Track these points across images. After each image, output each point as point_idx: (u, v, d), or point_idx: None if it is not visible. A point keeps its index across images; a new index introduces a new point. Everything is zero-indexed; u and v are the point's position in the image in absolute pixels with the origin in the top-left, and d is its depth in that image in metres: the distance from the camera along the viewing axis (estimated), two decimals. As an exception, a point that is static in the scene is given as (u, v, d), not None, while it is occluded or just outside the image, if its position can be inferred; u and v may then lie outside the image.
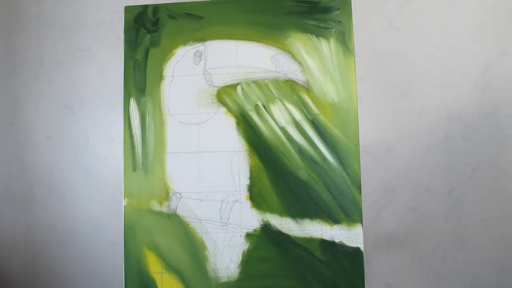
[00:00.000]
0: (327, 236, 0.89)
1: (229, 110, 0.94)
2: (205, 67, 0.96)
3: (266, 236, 0.90)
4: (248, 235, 0.91)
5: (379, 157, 0.93)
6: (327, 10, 0.93)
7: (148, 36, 0.97)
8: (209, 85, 0.95)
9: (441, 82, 0.92)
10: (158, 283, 0.91)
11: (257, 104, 0.94)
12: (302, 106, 0.93)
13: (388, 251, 0.91)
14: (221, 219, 0.91)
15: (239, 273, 0.90)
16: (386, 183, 0.92)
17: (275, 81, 0.94)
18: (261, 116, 0.93)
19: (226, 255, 0.91)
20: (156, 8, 0.97)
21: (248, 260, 0.90)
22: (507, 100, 0.91)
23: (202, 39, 0.96)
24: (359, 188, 0.89)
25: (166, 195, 0.92)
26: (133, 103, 0.97)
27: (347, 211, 0.89)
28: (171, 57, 0.97)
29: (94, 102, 1.02)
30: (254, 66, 0.95)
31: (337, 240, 0.89)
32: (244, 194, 0.92)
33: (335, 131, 0.90)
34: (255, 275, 0.90)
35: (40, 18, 1.05)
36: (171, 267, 0.91)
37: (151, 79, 0.97)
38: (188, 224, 0.92)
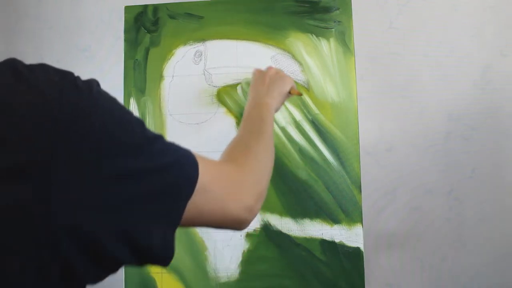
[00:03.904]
0: (327, 236, 0.89)
1: (229, 110, 0.94)
2: (205, 67, 0.96)
3: (266, 236, 0.90)
4: (248, 235, 0.91)
5: (379, 157, 0.93)
6: (327, 10, 0.93)
7: (148, 36, 0.97)
8: (209, 85, 0.95)
9: (441, 82, 0.92)
10: (158, 283, 0.91)
11: (257, 104, 0.93)
12: (302, 106, 0.92)
13: (388, 251, 0.91)
14: (221, 219, 0.91)
15: (239, 273, 0.90)
16: (386, 183, 0.92)
17: (275, 81, 0.93)
18: (261, 116, 0.93)
19: (226, 255, 0.91)
20: (156, 8, 0.97)
21: (248, 260, 0.90)
22: (508, 100, 0.91)
23: (202, 39, 0.96)
24: (359, 188, 0.89)
25: (166, 195, 0.92)
26: (133, 103, 0.97)
27: (347, 211, 0.89)
28: (171, 57, 0.96)
29: (94, 102, 1.02)
30: (254, 66, 0.94)
31: (337, 240, 0.88)
32: (244, 194, 0.92)
33: (335, 131, 0.90)
34: (255, 275, 0.90)
35: (40, 18, 1.05)
36: (171, 267, 0.91)
37: (151, 79, 0.96)
38: (188, 224, 0.91)
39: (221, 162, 0.51)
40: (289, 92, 0.74)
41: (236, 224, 0.49)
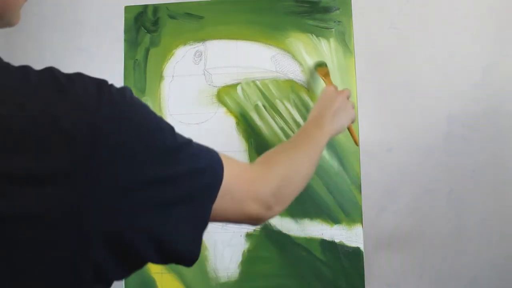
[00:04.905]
0: (327, 236, 0.89)
1: (229, 110, 0.94)
2: (205, 67, 0.96)
3: (266, 236, 0.90)
4: (248, 235, 0.91)
5: (379, 157, 0.93)
6: (327, 10, 0.93)
7: (148, 36, 0.97)
8: (209, 85, 0.95)
9: (441, 82, 0.92)
10: (158, 283, 0.91)
11: (257, 104, 0.94)
12: (302, 106, 0.93)
13: (388, 251, 0.91)
14: (221, 219, 0.91)
15: (239, 273, 0.90)
16: (386, 183, 0.92)
17: (275, 81, 0.94)
18: (261, 116, 0.93)
19: (226, 255, 0.91)
20: (156, 8, 0.97)
21: (248, 260, 0.90)
22: (508, 100, 0.91)
23: (202, 39, 0.96)
24: (359, 188, 0.89)
25: (166, 195, 0.92)
26: (133, 103, 0.96)
27: (347, 211, 0.89)
28: (171, 57, 0.97)
29: (94, 102, 1.02)
30: (254, 66, 0.95)
31: (337, 240, 0.88)
32: (244, 194, 0.92)
33: (335, 131, 0.90)
34: (255, 275, 0.90)
35: (40, 18, 1.05)
36: (171, 267, 0.91)
37: (151, 79, 0.96)
38: (188, 224, 0.91)
39: (246, 163, 0.52)
40: (348, 129, 0.78)
41: (252, 221, 0.51)
